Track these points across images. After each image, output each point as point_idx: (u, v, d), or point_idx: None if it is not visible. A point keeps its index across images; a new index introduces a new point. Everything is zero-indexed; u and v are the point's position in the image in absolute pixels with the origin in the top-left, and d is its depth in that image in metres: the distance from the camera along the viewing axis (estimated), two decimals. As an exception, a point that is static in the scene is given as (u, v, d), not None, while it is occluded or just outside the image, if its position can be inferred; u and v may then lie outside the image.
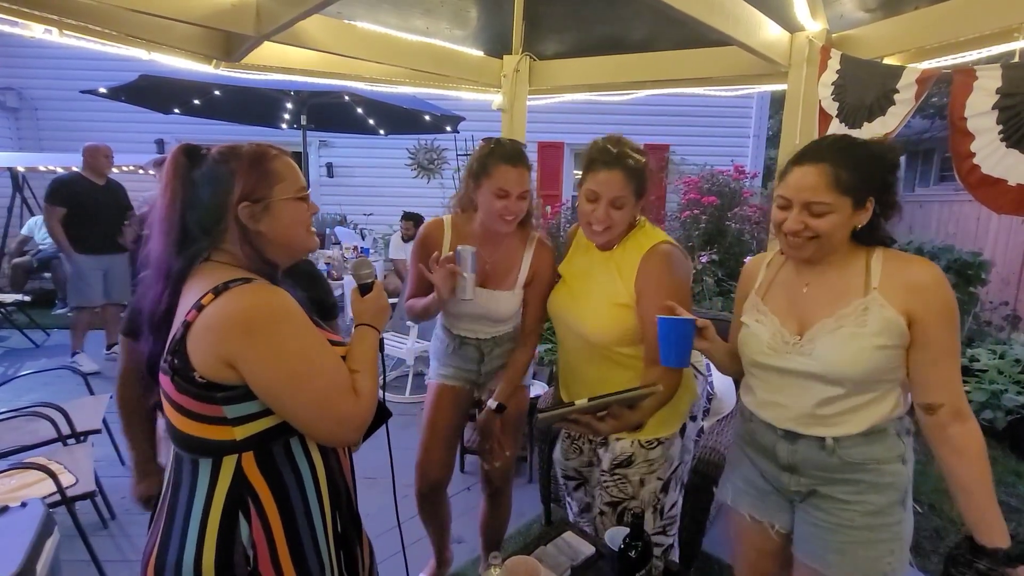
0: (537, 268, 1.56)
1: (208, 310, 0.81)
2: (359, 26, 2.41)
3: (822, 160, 1.03)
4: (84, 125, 6.84)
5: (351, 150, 7.56)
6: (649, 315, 1.27)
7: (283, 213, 0.91)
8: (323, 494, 0.94)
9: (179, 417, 0.84)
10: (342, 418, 0.88)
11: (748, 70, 2.48)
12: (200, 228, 0.88)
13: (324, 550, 0.94)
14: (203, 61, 2.37)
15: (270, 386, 0.83)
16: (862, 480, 1.09)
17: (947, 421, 1.01)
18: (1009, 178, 1.49)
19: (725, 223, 5.81)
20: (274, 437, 0.87)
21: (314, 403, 0.85)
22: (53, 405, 2.23)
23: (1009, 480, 2.87)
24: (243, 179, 0.87)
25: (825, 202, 1.02)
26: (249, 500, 0.85)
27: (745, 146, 7.53)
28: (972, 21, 1.82)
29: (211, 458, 0.85)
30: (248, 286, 0.83)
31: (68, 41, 2.02)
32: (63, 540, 1.54)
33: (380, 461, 1.72)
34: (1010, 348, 3.71)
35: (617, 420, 1.15)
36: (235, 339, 0.80)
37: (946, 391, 1.02)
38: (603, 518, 1.43)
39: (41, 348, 4.71)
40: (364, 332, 1.02)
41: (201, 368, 0.81)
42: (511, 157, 1.44)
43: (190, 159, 0.89)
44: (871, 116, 1.85)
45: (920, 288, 1.02)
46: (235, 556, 0.84)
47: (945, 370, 1.02)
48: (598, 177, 1.28)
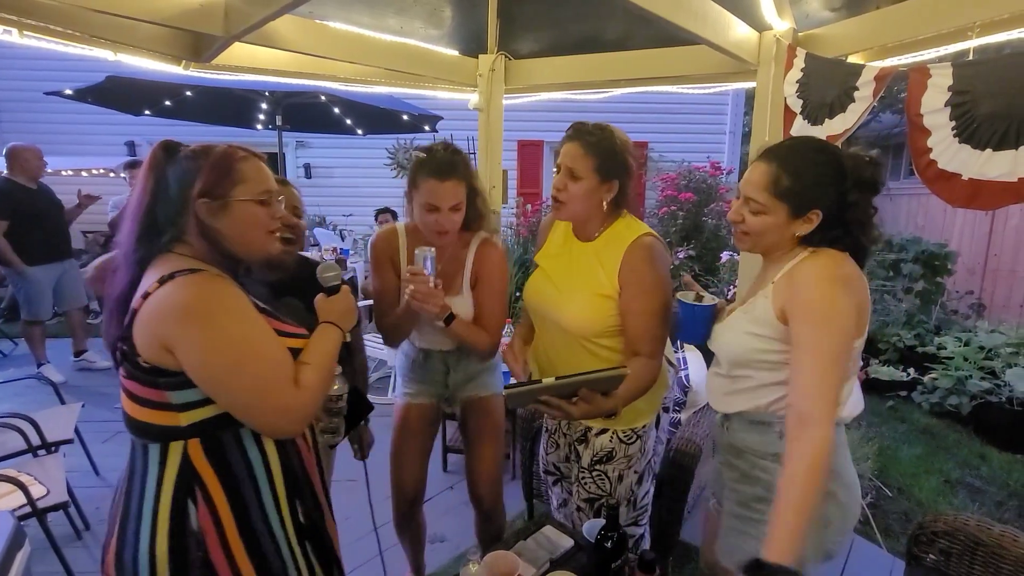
0: (480, 268, 1.53)
1: (152, 297, 0.84)
2: (331, 26, 2.39)
3: (773, 160, 1.04)
4: (49, 128, 6.65)
5: (329, 150, 7.48)
6: (632, 307, 1.30)
7: (241, 214, 0.94)
8: (277, 484, 0.95)
9: (128, 402, 0.88)
10: (280, 408, 0.89)
11: (719, 68, 2.52)
12: (167, 220, 0.92)
13: (282, 539, 0.96)
14: (172, 62, 2.32)
15: (205, 373, 0.85)
16: (739, 467, 1.15)
17: (791, 423, 0.96)
18: (963, 172, 1.55)
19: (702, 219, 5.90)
20: (222, 426, 0.90)
21: (250, 391, 0.87)
22: (22, 415, 2.17)
23: (973, 462, 2.99)
24: (205, 176, 0.91)
25: (759, 201, 1.04)
26: (196, 487, 0.87)
27: (721, 143, 7.65)
28: (929, 21, 1.88)
29: (159, 444, 0.88)
30: (192, 276, 0.86)
31: (29, 42, 1.96)
32: (35, 552, 1.51)
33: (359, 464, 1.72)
34: (975, 336, 3.84)
35: (589, 405, 1.15)
36: (172, 325, 0.83)
37: (794, 391, 0.97)
38: (580, 514, 1.46)
39: (9, 358, 4.58)
40: (326, 328, 1.04)
41: (145, 353, 0.84)
42: (440, 170, 1.38)
43: (167, 154, 0.93)
44: (832, 113, 1.91)
45: (793, 283, 1.02)
46: (187, 542, 0.87)
47: (799, 367, 0.97)
48: (562, 149, 1.32)
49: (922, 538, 1.40)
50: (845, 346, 0.98)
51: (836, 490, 1.06)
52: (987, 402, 3.29)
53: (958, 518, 1.37)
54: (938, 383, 3.56)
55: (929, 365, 3.73)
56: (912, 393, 3.72)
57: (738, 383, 1.13)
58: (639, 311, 1.29)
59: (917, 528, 1.41)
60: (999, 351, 3.60)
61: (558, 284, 1.42)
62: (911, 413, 3.59)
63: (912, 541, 1.41)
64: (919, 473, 2.84)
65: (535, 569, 1.23)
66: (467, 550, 1.14)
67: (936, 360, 3.71)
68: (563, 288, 1.40)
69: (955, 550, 1.36)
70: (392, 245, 1.56)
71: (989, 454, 3.07)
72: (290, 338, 0.97)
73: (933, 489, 2.70)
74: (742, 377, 1.12)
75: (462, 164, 1.43)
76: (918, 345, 3.97)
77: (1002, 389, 3.30)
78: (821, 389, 0.94)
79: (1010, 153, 1.47)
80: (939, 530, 1.37)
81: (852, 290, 0.99)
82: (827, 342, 0.95)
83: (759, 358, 1.07)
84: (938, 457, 3.03)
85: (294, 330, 1.00)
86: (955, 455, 3.06)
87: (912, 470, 2.87)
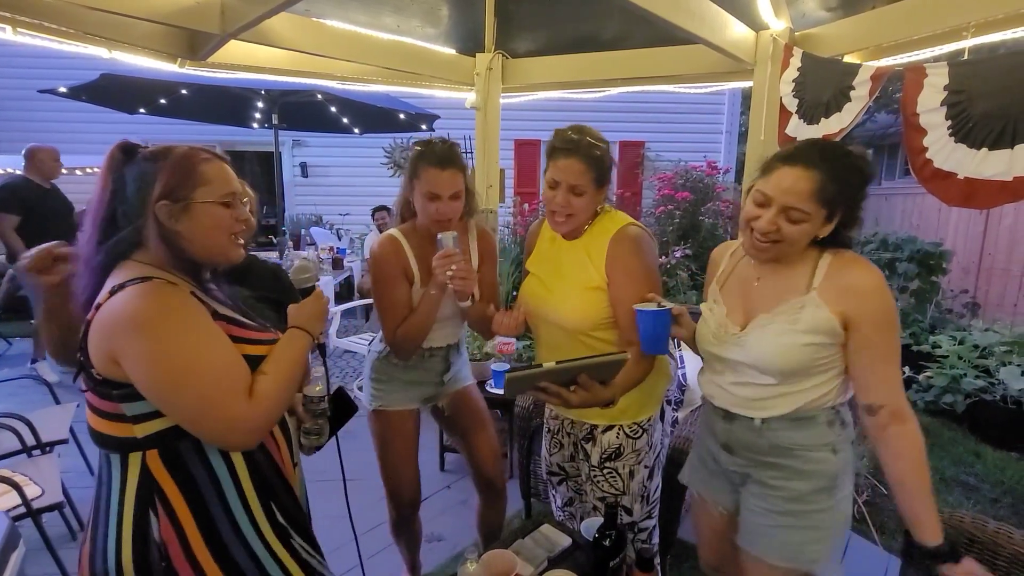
0: (483, 251, 1.63)
1: (102, 308, 0.83)
2: (328, 24, 2.38)
3: (815, 167, 0.99)
4: (44, 126, 6.60)
5: (325, 149, 7.45)
6: (621, 298, 1.30)
7: (202, 216, 0.90)
8: (246, 489, 0.92)
9: (89, 413, 0.88)
10: (227, 420, 0.85)
11: (716, 68, 2.53)
12: (127, 223, 0.90)
13: (258, 544, 0.93)
14: (167, 60, 2.31)
15: (151, 384, 0.82)
16: (788, 466, 1.12)
17: (886, 422, 1.03)
18: (959, 171, 1.56)
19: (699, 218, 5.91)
20: (179, 436, 0.87)
21: (196, 403, 0.83)
22: (16, 415, 2.16)
23: (968, 460, 3.00)
24: (165, 178, 0.88)
25: (803, 210, 1.00)
26: (156, 497, 0.86)
27: (718, 142, 7.67)
28: (925, 20, 1.89)
29: (119, 454, 0.87)
30: (142, 285, 0.84)
31: (23, 39, 1.95)
32: (30, 553, 1.50)
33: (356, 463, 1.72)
34: (969, 335, 3.86)
35: (588, 392, 1.15)
36: (118, 336, 0.81)
37: (885, 393, 1.04)
38: (596, 512, 1.46)
39: (4, 357, 4.55)
40: (292, 335, 0.99)
41: (98, 366, 0.83)
42: (440, 160, 1.42)
43: (126, 155, 0.91)
44: (828, 112, 1.91)
45: (857, 292, 1.03)
46: (150, 552, 0.86)
47: (884, 372, 1.04)
48: (558, 164, 1.30)
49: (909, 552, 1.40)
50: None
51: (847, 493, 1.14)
52: (981, 400, 3.31)
53: (953, 515, 1.38)
54: (933, 381, 3.58)
55: (924, 363, 3.75)
56: (907, 391, 3.73)
57: (786, 388, 1.11)
58: (629, 300, 1.29)
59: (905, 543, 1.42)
60: (993, 349, 3.62)
61: (549, 284, 1.43)
62: (906, 411, 3.60)
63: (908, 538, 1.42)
64: (914, 471, 2.85)
65: (533, 568, 1.23)
66: (465, 549, 1.14)
67: (931, 358, 3.72)
68: (554, 287, 1.42)
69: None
70: (400, 255, 1.53)
71: (984, 452, 3.08)
72: (252, 345, 0.93)
73: (928, 487, 2.71)
74: (793, 383, 1.10)
75: (459, 156, 1.48)
76: (913, 344, 3.99)
77: (996, 387, 3.32)
78: (900, 389, 1.04)
79: (1006, 152, 1.48)
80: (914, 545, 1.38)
81: None
82: (896, 347, 1.05)
83: (819, 362, 1.07)
84: (933, 455, 3.05)
85: (259, 336, 0.96)
86: (950, 453, 3.08)
87: (907, 468, 2.88)
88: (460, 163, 1.46)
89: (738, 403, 1.17)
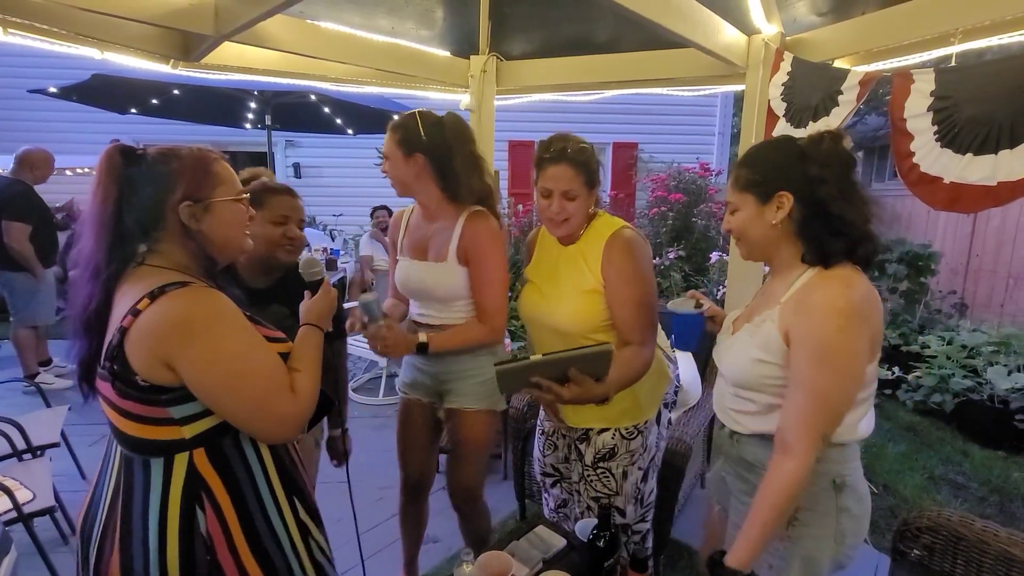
0: (470, 237, 1.49)
1: (145, 315, 0.82)
2: (322, 26, 2.38)
3: (736, 165, 1.13)
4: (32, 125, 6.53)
5: (319, 150, 7.43)
6: (617, 300, 1.34)
7: (224, 214, 0.94)
8: (275, 484, 0.97)
9: (125, 421, 0.86)
10: (280, 417, 0.90)
11: (709, 71, 2.55)
12: (139, 228, 0.89)
13: (284, 538, 0.97)
14: (160, 61, 2.30)
15: (208, 387, 0.85)
16: (750, 481, 1.11)
17: (775, 446, 0.99)
18: (944, 176, 1.59)
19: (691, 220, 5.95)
20: (223, 432, 0.90)
21: (252, 402, 0.88)
22: (7, 419, 2.14)
23: (956, 459, 3.05)
24: (187, 179, 0.90)
25: (730, 201, 1.10)
26: (203, 493, 0.88)
27: (710, 144, 7.72)
28: (913, 26, 1.92)
29: (162, 458, 0.87)
30: (184, 289, 0.85)
31: (14, 40, 1.93)
32: (21, 558, 1.49)
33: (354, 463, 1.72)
34: (957, 335, 3.92)
35: (581, 388, 1.17)
36: (172, 342, 0.82)
37: (785, 419, 0.98)
38: (589, 512, 1.47)
39: (-9, 360, 4.49)
40: (307, 332, 1.06)
41: (142, 372, 0.82)
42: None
43: (125, 158, 0.90)
44: (816, 116, 1.94)
45: (801, 309, 0.98)
46: (195, 547, 0.87)
47: (792, 398, 0.98)
48: (547, 173, 1.34)
49: (907, 534, 1.43)
50: (843, 386, 0.96)
51: (850, 505, 1.07)
52: (969, 400, 3.35)
53: (941, 514, 1.40)
54: (922, 381, 3.63)
55: (913, 364, 3.80)
56: (897, 391, 3.78)
57: (746, 404, 1.11)
58: (623, 301, 1.34)
59: (902, 524, 1.44)
60: (981, 350, 3.68)
61: (545, 290, 1.46)
62: (896, 411, 3.65)
63: (897, 537, 1.44)
64: (903, 470, 2.89)
65: (528, 569, 1.24)
66: (461, 550, 1.15)
67: (920, 359, 3.77)
68: (549, 293, 1.44)
69: (938, 545, 1.39)
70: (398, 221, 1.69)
71: (971, 451, 3.13)
72: (275, 343, 0.98)
73: (917, 486, 2.75)
74: (750, 400, 1.10)
75: (397, 120, 1.51)
76: (902, 344, 4.04)
77: (983, 387, 3.37)
78: (806, 425, 0.95)
79: (990, 158, 1.51)
80: (923, 526, 1.40)
81: (865, 322, 0.96)
82: (822, 381, 0.94)
83: (766, 383, 1.05)
84: (922, 454, 3.09)
85: (275, 335, 1.00)
86: (939, 452, 3.12)
87: (897, 467, 2.92)
88: (392, 125, 1.51)
89: (721, 409, 1.20)
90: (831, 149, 1.01)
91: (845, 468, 1.06)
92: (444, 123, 1.49)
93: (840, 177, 1.00)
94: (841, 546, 1.08)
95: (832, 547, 1.07)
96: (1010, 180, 1.48)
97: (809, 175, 1.00)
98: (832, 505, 1.05)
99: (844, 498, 1.05)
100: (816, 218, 1.01)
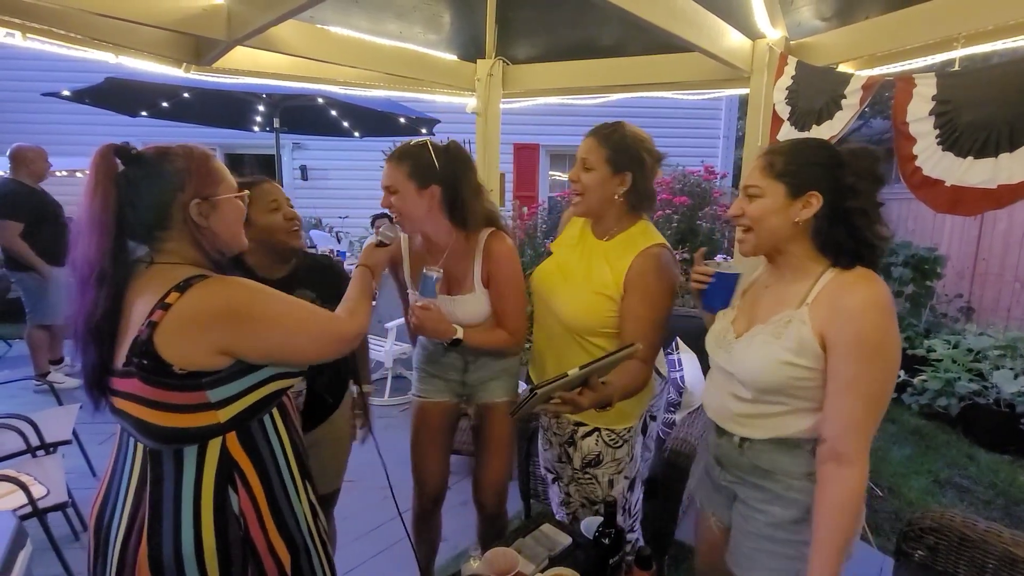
0: (490, 264, 1.50)
1: (178, 307, 0.84)
2: (332, 31, 2.41)
3: (767, 151, 1.08)
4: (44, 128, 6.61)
5: (325, 152, 7.48)
6: (633, 312, 1.32)
7: (227, 210, 0.97)
8: (292, 466, 1.02)
9: (158, 413, 0.87)
10: (343, 335, 1.03)
11: (713, 75, 2.57)
12: (143, 227, 0.91)
13: (302, 517, 1.03)
14: (173, 64, 2.34)
15: (272, 350, 0.93)
16: (769, 489, 1.08)
17: (825, 458, 0.96)
18: (946, 179, 1.60)
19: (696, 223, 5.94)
20: (250, 416, 0.94)
21: (314, 339, 0.98)
22: (21, 416, 2.18)
23: (962, 462, 3.04)
24: (195, 178, 0.92)
25: (756, 184, 1.04)
26: (236, 475, 0.92)
27: (715, 147, 7.72)
28: (917, 31, 1.93)
29: (196, 445, 0.90)
30: (210, 279, 0.89)
31: (32, 45, 1.98)
32: (34, 553, 1.51)
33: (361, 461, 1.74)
34: (963, 339, 3.91)
35: (595, 392, 1.14)
36: (224, 330, 0.86)
37: (834, 427, 0.95)
38: (584, 510, 1.49)
39: (4, 359, 4.55)
40: (361, 271, 1.24)
41: (181, 361, 0.85)
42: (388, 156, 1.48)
43: (122, 159, 0.91)
44: (820, 120, 1.96)
45: (839, 311, 0.95)
46: (229, 526, 0.91)
47: (840, 404, 0.94)
48: (580, 146, 1.39)
49: (911, 535, 1.44)
50: (890, 385, 0.95)
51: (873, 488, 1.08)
52: (975, 403, 3.34)
53: (945, 514, 1.41)
54: (928, 385, 3.62)
55: (919, 367, 3.79)
56: (902, 395, 3.77)
57: (767, 408, 1.06)
58: (639, 317, 1.31)
59: (906, 525, 1.45)
60: (987, 353, 3.66)
61: (565, 274, 1.45)
62: (901, 414, 3.64)
63: (901, 538, 1.45)
64: (909, 473, 2.89)
65: (534, 566, 1.25)
66: (468, 547, 1.17)
67: (926, 362, 3.76)
68: (569, 279, 1.43)
69: (942, 546, 1.40)
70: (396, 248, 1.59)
71: (977, 454, 3.12)
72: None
73: (922, 489, 2.74)
74: (773, 404, 1.05)
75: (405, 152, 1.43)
76: (908, 347, 4.03)
77: (990, 391, 3.36)
78: (861, 430, 0.93)
79: (990, 161, 1.52)
80: (927, 526, 1.41)
81: (896, 319, 0.95)
82: (873, 380, 0.93)
83: (798, 385, 1.00)
84: (927, 457, 3.09)
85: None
86: (944, 455, 3.11)
87: (902, 470, 2.92)
88: (399, 157, 1.43)
89: (725, 417, 1.15)
90: (870, 166, 1.01)
91: None
92: (451, 151, 1.47)
93: (869, 194, 1.01)
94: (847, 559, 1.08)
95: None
96: (1010, 183, 1.50)
97: (843, 183, 1.00)
98: None
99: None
100: (834, 225, 1.01)
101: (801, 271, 1.05)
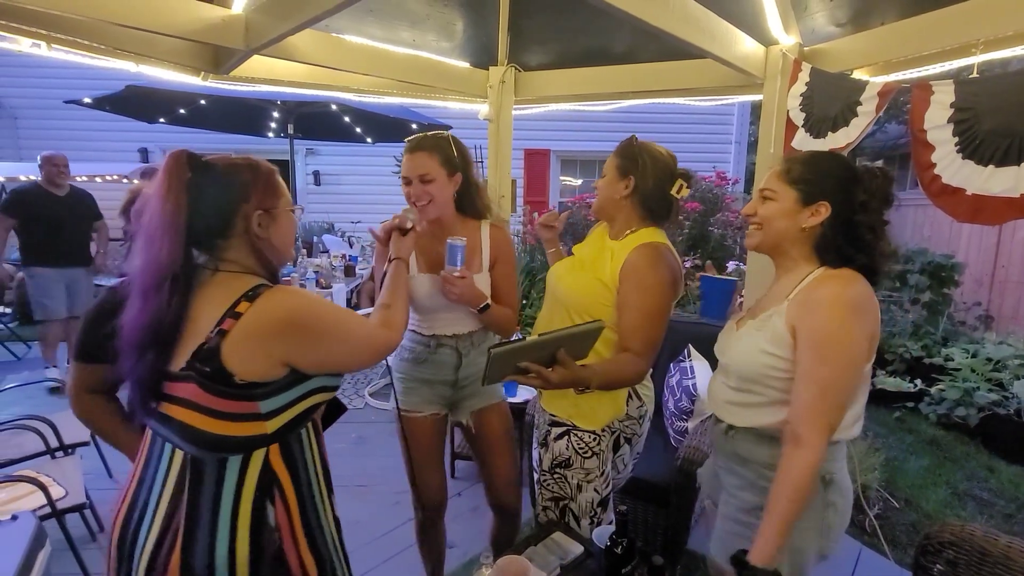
0: (497, 250, 1.62)
1: (248, 317, 0.87)
2: (347, 39, 2.45)
3: (787, 159, 1.16)
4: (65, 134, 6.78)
5: (338, 158, 7.57)
6: (627, 302, 1.35)
7: (284, 223, 1.01)
8: (321, 481, 1.03)
9: (211, 420, 0.88)
10: (379, 349, 1.06)
11: (726, 81, 2.56)
12: (207, 235, 0.94)
13: (328, 532, 1.03)
14: (191, 73, 2.38)
15: (325, 359, 0.96)
16: (744, 476, 1.16)
17: (786, 439, 1.02)
18: (967, 188, 1.57)
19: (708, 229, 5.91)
20: (292, 429, 0.96)
21: (359, 349, 1.02)
22: (40, 417, 2.22)
23: (981, 474, 2.97)
24: (261, 190, 0.96)
25: (771, 188, 1.13)
26: (275, 488, 0.93)
27: (727, 152, 7.69)
28: (934, 37, 1.91)
29: (241, 455, 0.91)
30: (275, 289, 0.92)
31: (56, 55, 2.03)
32: (53, 553, 1.54)
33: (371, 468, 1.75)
34: (982, 347, 3.83)
35: (567, 370, 1.17)
36: (290, 338, 0.90)
37: (794, 411, 1.02)
38: (546, 512, 1.50)
39: (23, 361, 4.64)
40: (396, 266, 1.27)
41: (243, 371, 0.86)
42: (410, 145, 1.52)
43: (194, 167, 0.93)
44: (835, 127, 1.94)
45: (806, 304, 1.03)
46: (263, 539, 0.91)
47: (798, 391, 1.02)
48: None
49: (929, 548, 1.40)
50: (846, 376, 1.01)
51: (836, 500, 1.11)
52: (995, 414, 3.28)
53: (964, 528, 1.38)
54: (945, 394, 3.55)
55: (936, 376, 3.72)
56: (919, 404, 3.71)
57: (747, 397, 1.14)
58: (632, 306, 1.34)
59: (924, 538, 1.42)
60: (1007, 363, 3.59)
61: (575, 264, 1.53)
62: (918, 424, 3.57)
63: (919, 551, 1.42)
64: (926, 485, 2.83)
65: (545, 574, 1.25)
66: (479, 554, 1.17)
67: (943, 371, 3.70)
68: (577, 267, 1.51)
69: (962, 560, 1.37)
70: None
71: (997, 466, 3.05)
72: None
73: (940, 501, 2.69)
74: (752, 392, 1.13)
75: (434, 141, 1.50)
76: (925, 356, 3.96)
77: (1010, 401, 3.29)
78: (815, 415, 0.99)
79: (1012, 169, 1.50)
80: (946, 540, 1.38)
81: (865, 317, 1.01)
82: (828, 371, 0.99)
83: (772, 375, 1.08)
84: (945, 469, 3.02)
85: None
86: (963, 467, 3.05)
87: (919, 481, 2.86)
88: (431, 147, 1.48)
89: (717, 404, 1.22)
90: (883, 187, 1.07)
91: (833, 465, 1.11)
92: (459, 144, 1.57)
93: (877, 212, 1.07)
94: (826, 539, 1.12)
95: (817, 539, 1.11)
96: (1034, 192, 1.47)
97: (855, 198, 1.06)
98: (820, 500, 1.09)
99: (831, 493, 1.10)
100: (838, 237, 1.08)
101: (795, 271, 1.13)
